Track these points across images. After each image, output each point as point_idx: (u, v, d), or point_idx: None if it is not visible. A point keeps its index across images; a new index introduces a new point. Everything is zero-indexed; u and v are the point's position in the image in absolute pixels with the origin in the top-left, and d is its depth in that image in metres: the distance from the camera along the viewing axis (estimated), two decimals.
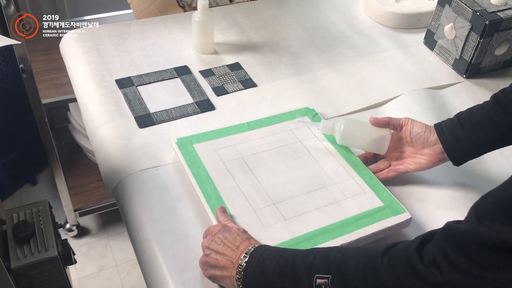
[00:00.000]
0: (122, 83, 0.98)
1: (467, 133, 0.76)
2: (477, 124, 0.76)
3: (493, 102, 0.77)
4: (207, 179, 0.76)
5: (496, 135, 0.75)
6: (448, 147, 0.77)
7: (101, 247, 1.64)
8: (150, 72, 1.01)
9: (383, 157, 0.84)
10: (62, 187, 1.49)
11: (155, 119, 0.90)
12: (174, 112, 0.92)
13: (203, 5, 1.02)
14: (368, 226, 0.71)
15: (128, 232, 0.78)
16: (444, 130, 0.78)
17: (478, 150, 0.77)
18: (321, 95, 0.99)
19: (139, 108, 0.92)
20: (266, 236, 0.69)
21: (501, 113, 0.75)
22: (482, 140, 0.76)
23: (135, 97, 0.95)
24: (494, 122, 0.75)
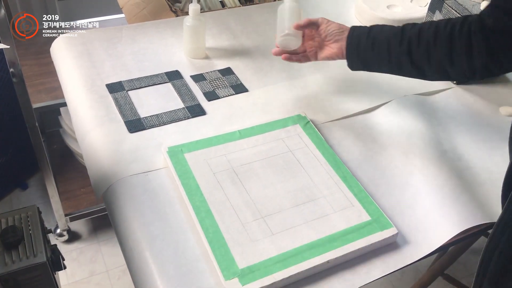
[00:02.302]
0: (113, 87, 0.97)
1: (367, 46, 0.85)
2: (377, 43, 0.84)
3: (399, 31, 0.83)
4: (196, 191, 0.76)
5: (387, 63, 0.84)
6: (348, 50, 0.87)
7: (91, 252, 1.63)
8: (141, 77, 1.01)
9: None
10: (52, 192, 1.48)
11: (145, 124, 0.90)
12: (165, 117, 0.92)
13: (194, 10, 1.02)
14: (355, 241, 0.71)
15: (118, 238, 0.77)
16: (354, 34, 0.86)
17: (370, 66, 0.87)
18: (312, 101, 1.00)
19: (129, 113, 0.92)
20: (254, 251, 0.69)
21: (397, 44, 0.82)
22: (375, 59, 0.85)
23: (125, 102, 0.94)
24: (389, 49, 0.83)
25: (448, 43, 0.79)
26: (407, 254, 0.73)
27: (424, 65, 0.82)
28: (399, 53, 0.82)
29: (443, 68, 0.81)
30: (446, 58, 0.80)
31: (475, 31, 0.77)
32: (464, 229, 0.76)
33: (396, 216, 0.78)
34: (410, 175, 0.85)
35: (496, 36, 0.75)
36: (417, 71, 0.83)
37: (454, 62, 0.79)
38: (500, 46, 0.76)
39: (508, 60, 0.77)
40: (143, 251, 0.71)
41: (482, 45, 0.76)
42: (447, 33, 0.79)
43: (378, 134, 0.93)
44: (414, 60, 0.82)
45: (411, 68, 0.83)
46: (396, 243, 0.74)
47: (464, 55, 0.78)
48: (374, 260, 0.72)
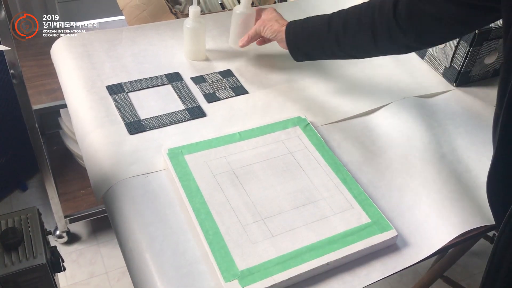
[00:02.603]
0: (113, 89, 0.98)
1: (304, 40, 0.94)
2: (311, 35, 0.92)
3: (326, 22, 0.90)
4: (197, 193, 0.76)
5: (323, 53, 0.94)
6: (289, 47, 0.97)
7: (91, 254, 1.63)
8: (141, 79, 1.01)
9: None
10: (52, 194, 1.49)
11: (146, 125, 0.90)
12: (165, 119, 0.92)
13: (194, 12, 1.02)
14: (355, 243, 0.71)
15: (118, 239, 0.77)
16: (291, 31, 0.95)
17: (311, 57, 0.97)
18: (311, 103, 1.00)
19: (129, 114, 0.92)
20: (254, 253, 0.69)
21: (326, 34, 0.90)
22: (312, 50, 0.94)
23: (125, 103, 0.94)
24: (320, 40, 0.91)
25: (370, 31, 0.86)
26: (406, 256, 0.73)
27: (352, 51, 0.92)
28: (330, 44, 0.91)
29: (370, 52, 0.92)
30: (371, 44, 0.88)
31: (393, 13, 0.83)
32: (463, 231, 0.76)
33: (396, 218, 0.78)
34: (410, 177, 0.85)
35: (412, 17, 0.82)
36: (348, 56, 0.94)
37: (378, 47, 0.88)
38: (416, 25, 0.82)
39: (428, 37, 0.84)
40: (143, 252, 0.71)
41: (402, 27, 0.83)
42: (369, 20, 0.86)
43: (377, 136, 0.93)
44: (343, 48, 0.91)
45: (343, 54, 0.93)
46: (395, 245, 0.74)
47: (386, 40, 0.86)
48: (374, 263, 0.72)
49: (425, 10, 0.80)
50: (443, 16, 0.79)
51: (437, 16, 0.79)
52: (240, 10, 1.05)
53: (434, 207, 0.79)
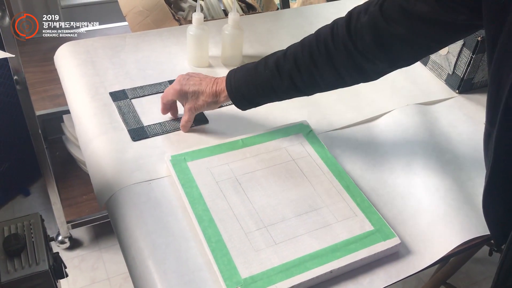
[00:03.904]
0: (116, 96, 0.98)
1: (252, 94, 0.83)
2: (260, 89, 0.82)
3: (274, 70, 0.80)
4: (199, 200, 0.76)
5: (278, 99, 0.85)
6: (235, 102, 0.85)
7: (93, 260, 1.63)
8: (144, 85, 1.01)
9: None
10: (54, 199, 1.49)
11: (149, 132, 0.90)
12: (168, 126, 0.92)
13: (198, 19, 1.02)
14: (358, 251, 0.71)
15: (121, 246, 0.77)
16: (233, 91, 0.84)
17: (261, 104, 0.86)
18: (314, 109, 1.00)
19: (132, 121, 0.92)
20: (256, 261, 0.69)
21: (280, 83, 0.81)
22: (264, 100, 0.85)
23: (128, 110, 0.94)
24: (275, 90, 0.82)
25: (330, 66, 0.77)
26: (409, 264, 0.73)
27: (315, 89, 0.83)
28: (286, 90, 0.82)
29: (336, 86, 0.82)
30: (334, 79, 0.79)
31: (350, 42, 0.75)
32: (466, 239, 0.75)
33: (399, 226, 0.78)
34: (413, 185, 0.85)
35: (380, 44, 0.73)
36: (310, 93, 0.85)
37: (345, 80, 0.79)
38: (387, 52, 0.74)
39: (399, 61, 0.77)
40: (146, 259, 0.71)
41: (365, 55, 0.75)
42: (324, 55, 0.77)
43: (380, 144, 0.93)
44: (304, 90, 0.82)
45: (303, 94, 0.84)
46: (399, 253, 0.74)
47: (352, 71, 0.77)
48: (377, 270, 0.72)
49: (394, 33, 0.72)
50: (415, 37, 0.71)
51: (407, 37, 0.71)
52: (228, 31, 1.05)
53: (437, 215, 0.79)
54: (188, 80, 0.87)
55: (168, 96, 0.89)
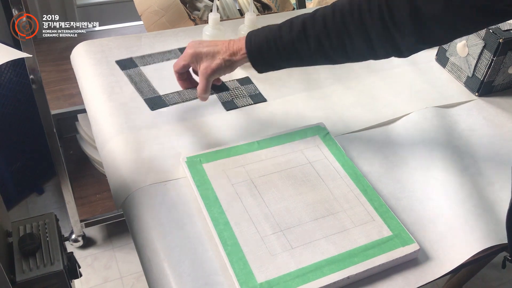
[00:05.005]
0: (124, 64, 0.90)
1: (274, 56, 0.79)
2: (284, 51, 0.78)
3: (301, 33, 0.76)
4: (215, 202, 0.75)
5: (301, 63, 0.81)
6: (253, 63, 0.82)
7: (106, 259, 1.64)
8: (153, 53, 0.94)
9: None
10: (68, 198, 1.49)
11: (167, 101, 0.84)
12: (186, 94, 0.86)
13: (214, 19, 1.01)
14: (376, 257, 0.70)
15: (136, 248, 0.77)
16: (253, 50, 0.80)
17: (281, 68, 0.83)
18: (330, 112, 0.99)
19: (147, 89, 0.85)
20: (272, 265, 0.68)
21: (305, 47, 0.76)
22: (286, 63, 0.81)
23: (140, 78, 0.87)
24: (299, 54, 0.78)
25: (363, 34, 0.73)
26: (428, 271, 0.72)
27: (343, 57, 0.78)
28: (311, 54, 0.78)
29: (365, 56, 0.78)
30: (365, 48, 0.75)
31: (387, 13, 0.71)
32: (486, 246, 0.74)
33: (417, 232, 0.77)
34: (432, 189, 0.83)
35: (416, 21, 0.70)
36: (337, 61, 0.80)
37: (376, 51, 0.75)
38: (421, 29, 0.71)
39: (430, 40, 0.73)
40: (161, 261, 0.70)
41: (399, 28, 0.71)
42: (357, 21, 0.73)
43: (398, 147, 0.92)
44: (331, 57, 0.78)
45: (329, 61, 0.79)
46: (417, 259, 0.73)
47: (385, 43, 0.73)
48: (395, 277, 0.70)
49: (431, 10, 0.68)
50: (450, 17, 0.68)
51: (443, 16, 0.68)
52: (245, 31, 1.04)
53: (456, 221, 0.78)
54: (201, 43, 0.83)
55: (181, 62, 0.84)
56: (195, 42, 0.83)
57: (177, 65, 0.85)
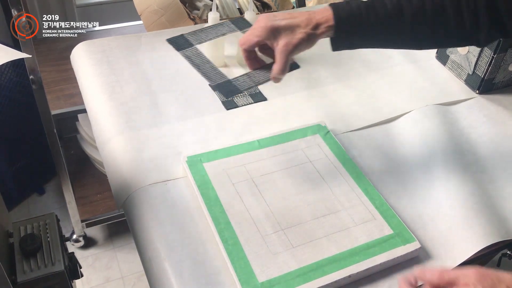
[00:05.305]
0: (177, 43, 0.76)
1: (363, 30, 0.72)
2: (373, 26, 0.71)
3: (397, 8, 0.71)
4: (216, 202, 0.75)
5: (382, 42, 0.75)
6: (335, 38, 0.73)
7: (107, 259, 1.64)
8: (204, 28, 0.79)
9: None
10: (69, 198, 1.49)
11: (240, 86, 0.70)
12: (258, 76, 0.72)
13: (213, 19, 1.01)
14: (377, 256, 0.70)
15: (137, 248, 0.77)
16: (341, 23, 0.71)
17: (359, 46, 0.77)
18: (331, 110, 0.98)
19: (213, 73, 0.72)
20: (274, 264, 0.68)
21: (398, 24, 0.71)
22: (368, 42, 0.75)
23: (201, 60, 0.73)
24: (388, 29, 0.72)
25: (457, 17, 0.71)
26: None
27: (427, 40, 0.75)
28: (403, 32, 0.73)
29: (447, 43, 0.77)
30: (453, 33, 0.73)
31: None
32: (488, 244, 0.74)
33: (419, 230, 0.76)
34: (433, 187, 0.83)
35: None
36: (420, 47, 0.78)
37: (462, 36, 0.73)
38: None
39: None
40: (162, 261, 0.70)
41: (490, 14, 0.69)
42: (454, 6, 0.71)
43: (399, 145, 0.92)
44: (421, 38, 0.74)
45: (415, 45, 0.77)
46: (418, 258, 0.73)
47: (472, 28, 0.71)
48: (396, 275, 0.70)
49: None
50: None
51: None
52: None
53: (458, 219, 0.78)
54: (275, 16, 0.72)
55: (253, 38, 0.72)
56: (268, 15, 0.73)
57: (249, 41, 0.72)
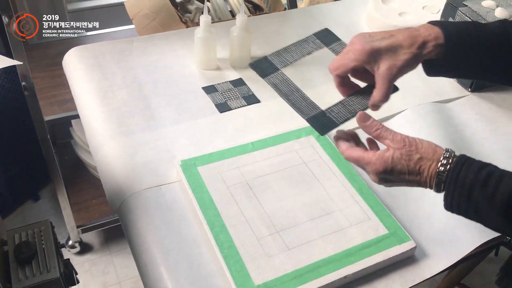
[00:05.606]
0: (261, 67, 0.68)
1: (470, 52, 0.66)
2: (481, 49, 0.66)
3: (501, 34, 0.66)
4: (210, 205, 0.75)
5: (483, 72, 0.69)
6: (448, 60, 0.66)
7: (104, 264, 1.63)
8: (287, 46, 0.71)
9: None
10: (64, 204, 1.49)
11: (336, 119, 0.63)
12: (353, 104, 0.64)
13: (205, 22, 1.01)
14: (373, 256, 0.70)
15: (132, 252, 0.77)
16: (452, 40, 0.65)
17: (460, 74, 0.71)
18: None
19: (304, 104, 0.63)
20: (269, 266, 0.68)
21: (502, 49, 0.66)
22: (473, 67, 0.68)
23: (290, 88, 0.65)
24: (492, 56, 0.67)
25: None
26: (425, 268, 0.72)
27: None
28: (506, 52, 0.67)
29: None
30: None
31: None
32: (483, 241, 0.74)
33: (414, 229, 0.77)
34: None
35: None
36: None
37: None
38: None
39: None
40: (158, 266, 0.70)
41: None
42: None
43: None
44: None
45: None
46: (414, 257, 0.73)
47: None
48: (392, 275, 0.71)
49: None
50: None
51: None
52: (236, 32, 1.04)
53: (452, 217, 0.77)
54: (371, 36, 0.65)
55: (349, 63, 0.65)
56: (363, 35, 0.66)
57: (344, 66, 0.66)
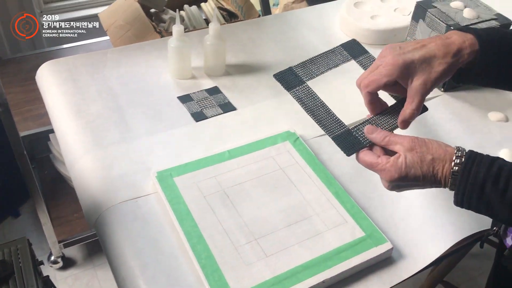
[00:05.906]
0: (286, 79, 0.64)
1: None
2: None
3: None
4: (187, 216, 0.75)
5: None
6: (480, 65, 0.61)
7: (87, 278, 1.61)
8: (313, 57, 0.67)
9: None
10: (45, 219, 1.47)
11: (362, 138, 0.60)
12: (380, 122, 0.61)
13: (178, 31, 1.01)
14: (350, 259, 0.70)
15: (111, 267, 0.76)
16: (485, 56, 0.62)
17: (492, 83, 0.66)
18: (301, 116, 0.98)
19: (329, 121, 0.59)
20: (248, 275, 0.68)
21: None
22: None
23: (315, 103, 0.61)
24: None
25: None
26: (403, 268, 0.72)
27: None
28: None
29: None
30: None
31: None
32: (459, 239, 0.75)
33: (390, 230, 0.77)
34: None
35: None
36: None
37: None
38: None
39: None
40: (137, 279, 0.69)
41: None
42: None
43: None
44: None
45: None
46: (391, 258, 0.74)
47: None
48: (370, 277, 0.71)
49: None
50: None
51: None
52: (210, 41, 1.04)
53: (428, 217, 0.79)
54: (403, 48, 0.60)
55: (381, 78, 0.60)
56: (392, 47, 0.61)
57: (375, 82, 0.61)
